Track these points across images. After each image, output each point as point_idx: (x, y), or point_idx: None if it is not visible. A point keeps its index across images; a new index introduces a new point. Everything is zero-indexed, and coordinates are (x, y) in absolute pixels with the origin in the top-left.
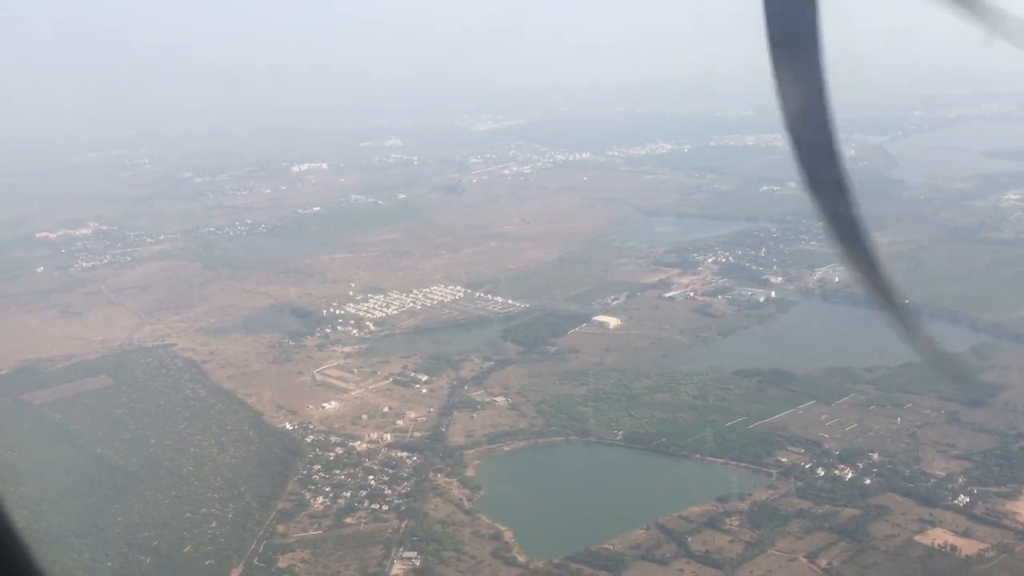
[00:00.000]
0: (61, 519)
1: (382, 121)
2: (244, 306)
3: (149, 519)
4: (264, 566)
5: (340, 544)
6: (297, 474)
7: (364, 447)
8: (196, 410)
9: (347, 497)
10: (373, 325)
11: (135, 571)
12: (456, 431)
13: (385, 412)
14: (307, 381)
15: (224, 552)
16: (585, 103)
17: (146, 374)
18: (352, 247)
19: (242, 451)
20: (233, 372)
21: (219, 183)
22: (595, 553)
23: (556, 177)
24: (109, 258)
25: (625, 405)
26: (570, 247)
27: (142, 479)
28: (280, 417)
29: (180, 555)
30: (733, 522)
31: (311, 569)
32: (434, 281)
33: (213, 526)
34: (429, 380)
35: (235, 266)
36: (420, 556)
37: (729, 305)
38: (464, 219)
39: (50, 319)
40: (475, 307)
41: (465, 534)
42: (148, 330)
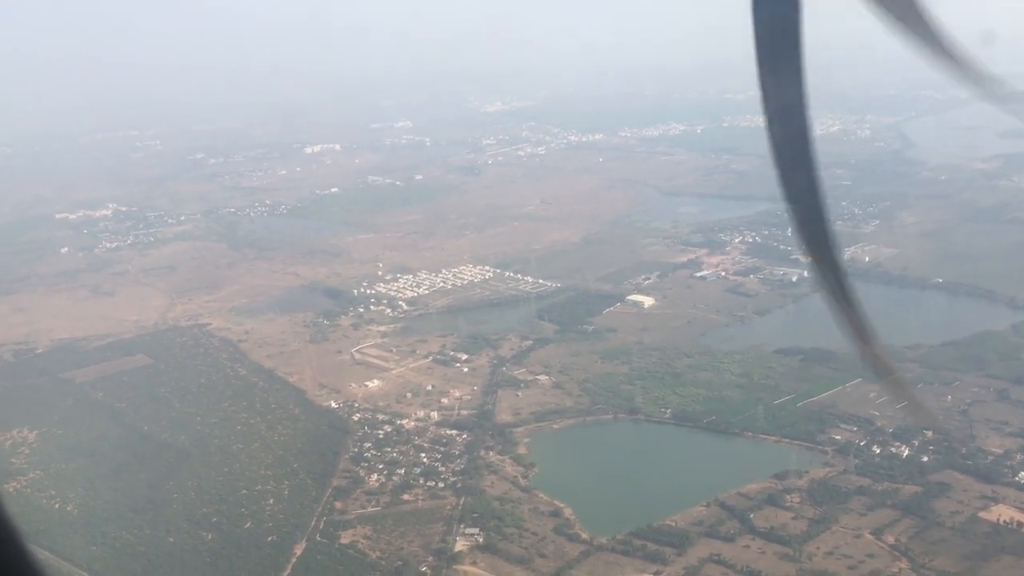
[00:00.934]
0: (117, 496)
1: (389, 103)
2: (274, 286)
3: (205, 496)
4: (327, 542)
5: (400, 521)
6: (348, 452)
7: (412, 425)
8: (239, 389)
9: (401, 474)
10: (406, 305)
11: (198, 547)
12: (503, 409)
13: (429, 390)
14: (346, 360)
15: (284, 528)
16: (592, 85)
17: (184, 353)
18: (375, 227)
19: (290, 429)
20: (271, 351)
21: (233, 164)
22: (658, 529)
23: (571, 158)
24: (132, 239)
25: (669, 383)
26: (594, 228)
27: (193, 456)
28: (324, 395)
29: (241, 531)
30: (794, 499)
31: (374, 545)
32: (461, 261)
33: (270, 503)
34: (469, 359)
35: (260, 246)
36: (482, 533)
37: (762, 284)
38: (484, 200)
39: (81, 299)
40: (506, 287)
41: (524, 511)
42: (180, 310)
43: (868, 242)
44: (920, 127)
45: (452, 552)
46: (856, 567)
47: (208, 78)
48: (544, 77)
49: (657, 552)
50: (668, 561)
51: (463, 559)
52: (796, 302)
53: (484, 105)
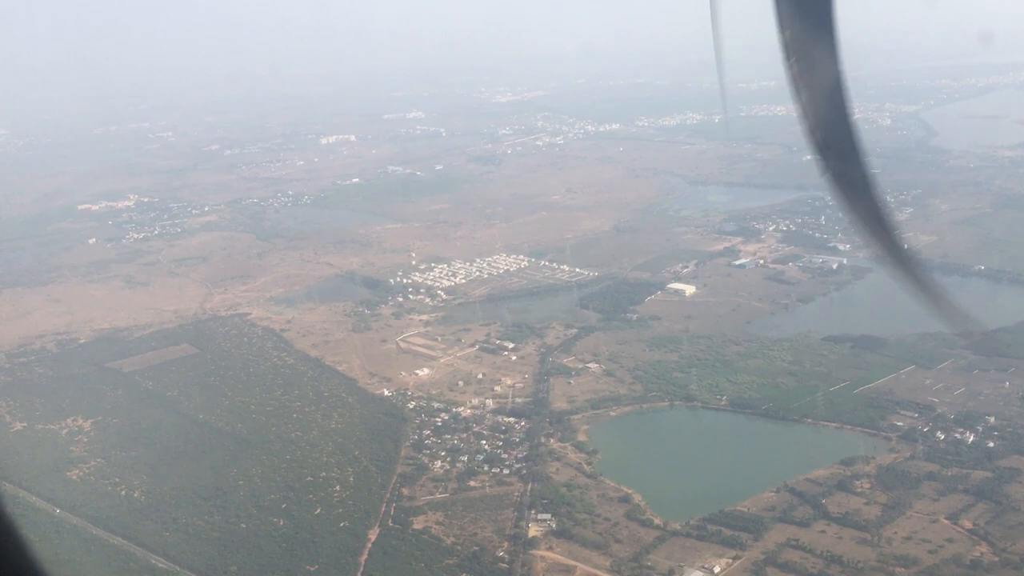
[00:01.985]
0: (183, 483)
1: (399, 94)
2: (308, 276)
3: (271, 482)
4: (400, 528)
5: (470, 507)
6: (408, 439)
7: (468, 413)
8: (288, 377)
9: (464, 461)
10: (445, 294)
11: (271, 533)
12: (557, 397)
13: (480, 378)
14: (392, 349)
15: (355, 514)
16: (602, 76)
17: (227, 342)
18: (402, 217)
19: (346, 417)
20: (316, 340)
21: (249, 155)
22: (730, 515)
23: (591, 148)
24: (159, 229)
25: (721, 371)
26: (624, 216)
27: (253, 444)
28: (375, 384)
29: (312, 517)
30: (863, 485)
31: (447, 531)
32: (494, 250)
33: (337, 489)
34: (516, 347)
35: (288, 237)
36: (554, 519)
37: (802, 272)
38: (508, 189)
39: (116, 289)
40: (543, 276)
41: (593, 497)
42: (218, 300)
43: (905, 229)
44: (940, 115)
45: (527, 538)
46: (936, 552)
47: (207, 77)
48: (548, 71)
49: (733, 537)
50: (745, 546)
51: (539, 545)
52: (839, 290)
53: (495, 96)
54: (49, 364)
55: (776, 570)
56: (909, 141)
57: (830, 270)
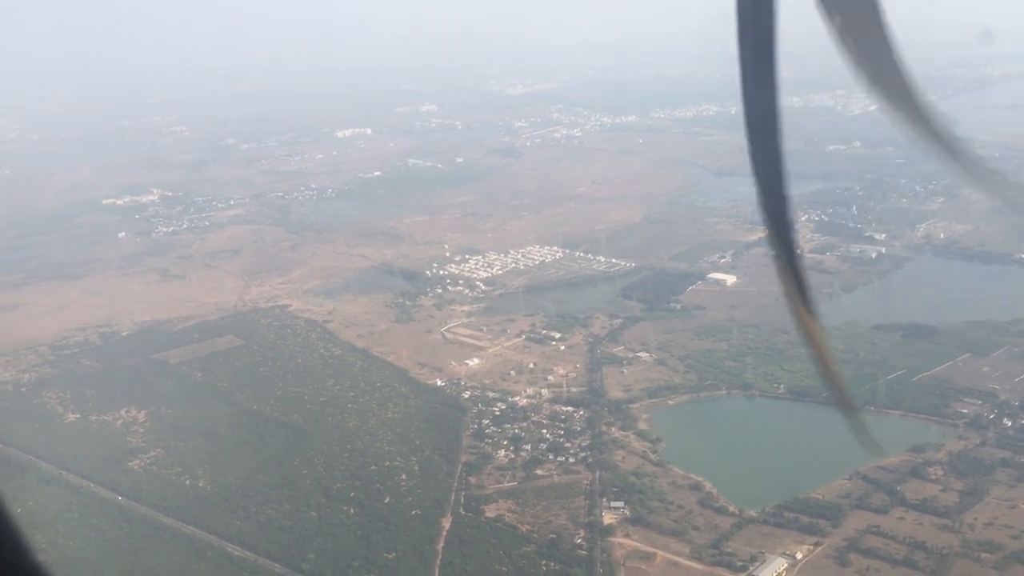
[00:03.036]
0: (246, 472)
1: (408, 88)
2: (344, 268)
3: (335, 472)
4: (472, 516)
5: (540, 495)
6: (468, 428)
7: (525, 402)
8: (338, 368)
9: (528, 450)
10: (483, 285)
11: (344, 521)
12: (612, 386)
13: (531, 368)
14: (438, 339)
15: (425, 503)
16: (610, 68)
17: (272, 334)
18: (429, 210)
19: (402, 406)
20: (360, 331)
21: (266, 149)
22: (805, 502)
23: (609, 139)
24: (187, 223)
25: (774, 359)
26: (653, 207)
27: (312, 434)
28: (426, 374)
29: (382, 506)
30: (937, 472)
31: (520, 519)
32: (527, 242)
33: (403, 478)
34: (563, 337)
35: (317, 229)
36: (627, 506)
37: (841, 262)
38: (532, 181)
39: (152, 282)
40: (579, 266)
41: (663, 484)
42: (256, 292)
43: (938, 219)
44: (959, 105)
45: (602, 525)
46: (1020, 537)
47: (206, 73)
48: (555, 65)
49: (811, 524)
50: (824, 533)
51: (615, 532)
52: (881, 279)
53: (506, 89)
54: (94, 356)
55: (859, 556)
56: None
57: (869, 259)
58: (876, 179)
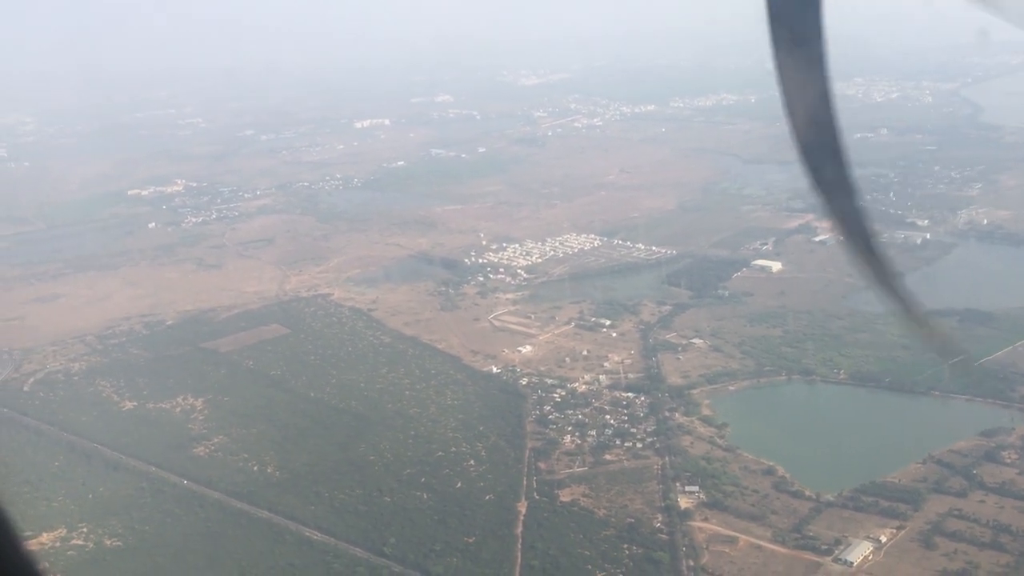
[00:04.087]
0: (312, 458)
1: (420, 78)
2: (381, 257)
3: (402, 458)
4: (547, 501)
5: (612, 480)
6: (529, 415)
7: (584, 388)
8: (389, 356)
9: (594, 436)
10: (525, 273)
11: (419, 506)
12: (669, 372)
13: (585, 355)
14: (486, 327)
15: (497, 488)
16: (623, 56)
17: (317, 322)
18: (458, 199)
19: (459, 394)
20: (407, 319)
21: (286, 140)
22: (882, 486)
23: (631, 129)
24: (216, 213)
25: (831, 345)
26: (686, 195)
27: (373, 421)
28: (480, 361)
29: (454, 491)
30: (1011, 455)
31: (596, 503)
32: (563, 230)
33: (472, 464)
34: (613, 324)
35: (348, 219)
36: (702, 490)
37: (886, 248)
38: (559, 170)
39: (189, 272)
40: (619, 254)
41: (735, 469)
42: (295, 281)
43: (978, 205)
44: (981, 92)
45: (680, 509)
46: None
47: (212, 71)
48: (558, 58)
49: (891, 508)
50: (906, 516)
51: (693, 516)
52: (929, 264)
53: (519, 79)
54: (142, 345)
55: (945, 539)
56: (958, 118)
57: (915, 245)
58: (909, 166)
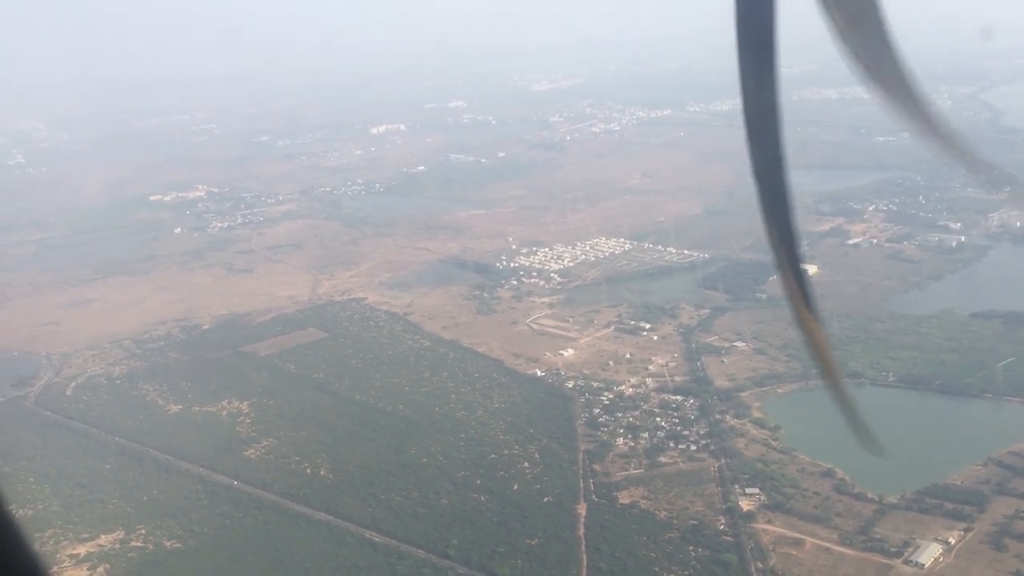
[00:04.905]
0: (365, 461)
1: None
2: (410, 261)
3: (454, 460)
4: (606, 503)
5: (670, 482)
6: (579, 417)
7: (631, 391)
8: (431, 359)
9: (646, 438)
10: (558, 277)
11: (477, 508)
12: (716, 375)
13: (628, 358)
14: (525, 331)
15: (554, 490)
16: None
17: (354, 326)
18: (482, 203)
19: (506, 397)
20: (444, 323)
21: (303, 145)
22: (945, 488)
23: (649, 133)
24: (241, 219)
25: (876, 348)
26: (711, 200)
27: (421, 424)
28: (523, 364)
29: (511, 493)
30: None
31: (656, 506)
32: (591, 234)
33: (526, 466)
34: (653, 327)
35: (374, 223)
36: (763, 492)
37: (921, 251)
38: (580, 175)
39: (220, 276)
40: (650, 258)
41: (793, 471)
42: (328, 285)
43: (1010, 207)
44: (1000, 96)
45: (742, 511)
46: None
47: (218, 78)
48: (564, 63)
49: (956, 510)
50: (972, 518)
51: (756, 518)
52: (966, 267)
53: (531, 85)
54: (181, 349)
55: (1015, 541)
56: (978, 122)
57: (950, 248)
58: (934, 169)
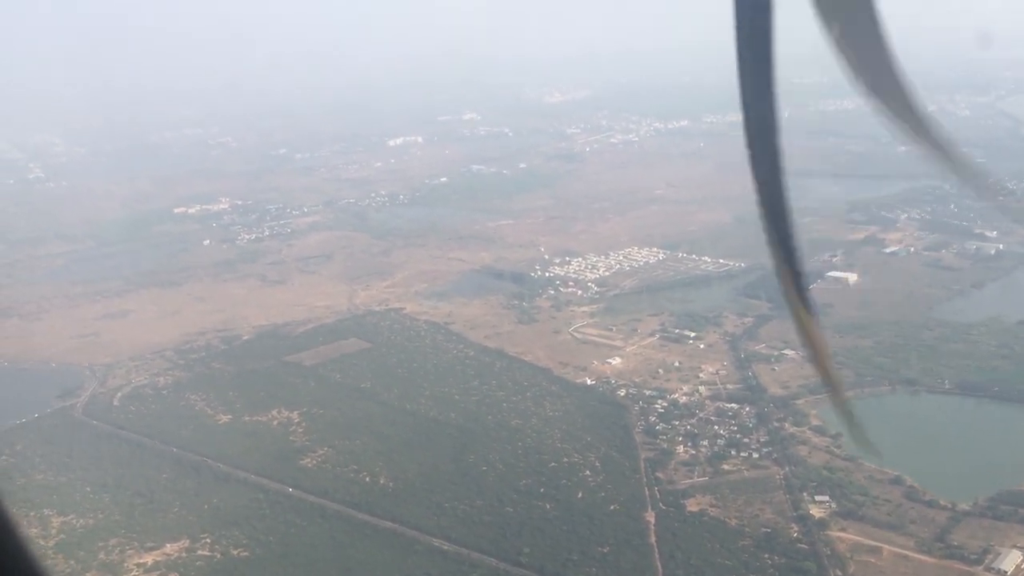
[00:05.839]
0: (424, 469)
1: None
2: (444, 271)
3: (515, 469)
4: (674, 510)
5: (736, 489)
6: (635, 426)
7: (685, 399)
8: (478, 368)
9: (706, 446)
10: (595, 286)
11: (544, 516)
12: (768, 382)
13: (677, 366)
14: (568, 339)
15: (619, 498)
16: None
17: (396, 336)
18: (509, 214)
19: (558, 405)
20: (487, 332)
21: (321, 158)
22: (1018, 494)
23: (668, 144)
24: (268, 230)
25: (927, 355)
26: (739, 209)
27: (475, 433)
28: (571, 373)
29: (576, 501)
30: None
31: (725, 513)
32: (623, 243)
33: (587, 474)
34: (698, 336)
35: (403, 234)
36: (832, 500)
37: (960, 258)
38: (604, 185)
39: (254, 288)
40: (686, 267)
41: (860, 479)
42: (364, 296)
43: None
44: (1018, 105)
45: (814, 519)
46: None
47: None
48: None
49: None
50: None
51: (829, 526)
52: (1007, 274)
53: (543, 97)
54: (224, 359)
55: None
56: (999, 131)
57: (989, 256)
58: None
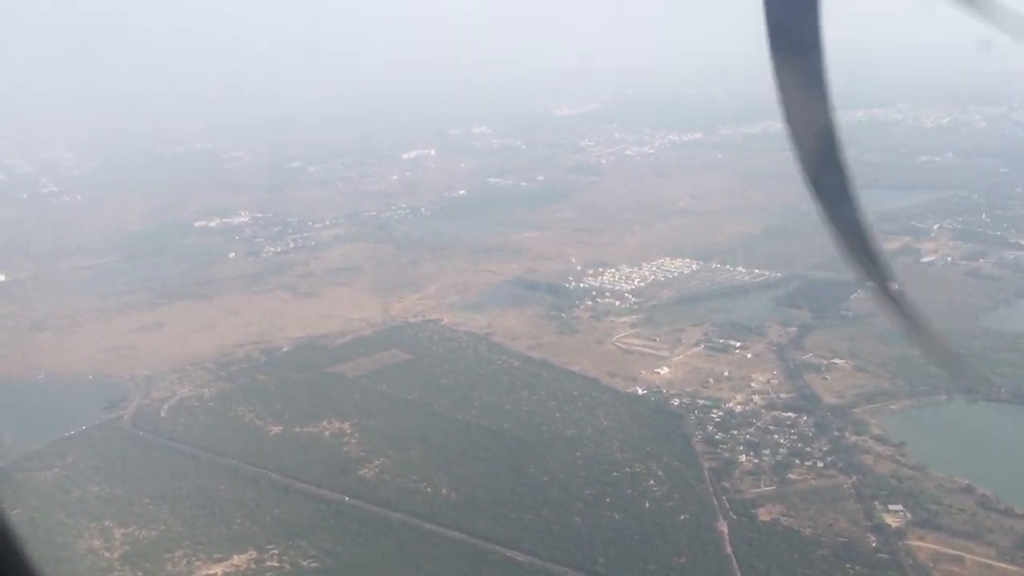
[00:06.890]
0: (485, 479)
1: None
2: (476, 283)
3: (576, 479)
4: (746, 520)
5: (806, 499)
6: (694, 435)
7: (740, 408)
8: (524, 378)
9: (769, 455)
10: (632, 297)
11: (614, 526)
12: (822, 392)
13: (727, 376)
14: (612, 350)
15: (688, 507)
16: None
17: (437, 347)
18: (534, 226)
19: (612, 415)
20: (529, 343)
21: (336, 171)
22: None
23: (686, 156)
24: (292, 243)
25: (979, 364)
26: (767, 220)
27: (531, 443)
28: (621, 383)
29: (645, 511)
30: None
31: (798, 523)
32: (654, 254)
33: (651, 484)
34: (744, 345)
35: (429, 246)
36: (906, 509)
37: (999, 268)
38: (626, 197)
39: (286, 300)
40: (721, 277)
41: (930, 487)
42: (399, 307)
43: None
44: None
45: (890, 528)
46: None
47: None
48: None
49: None
50: None
51: (907, 535)
52: None
53: (552, 109)
54: (265, 371)
55: None
56: (1017, 142)
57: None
58: (989, 188)
